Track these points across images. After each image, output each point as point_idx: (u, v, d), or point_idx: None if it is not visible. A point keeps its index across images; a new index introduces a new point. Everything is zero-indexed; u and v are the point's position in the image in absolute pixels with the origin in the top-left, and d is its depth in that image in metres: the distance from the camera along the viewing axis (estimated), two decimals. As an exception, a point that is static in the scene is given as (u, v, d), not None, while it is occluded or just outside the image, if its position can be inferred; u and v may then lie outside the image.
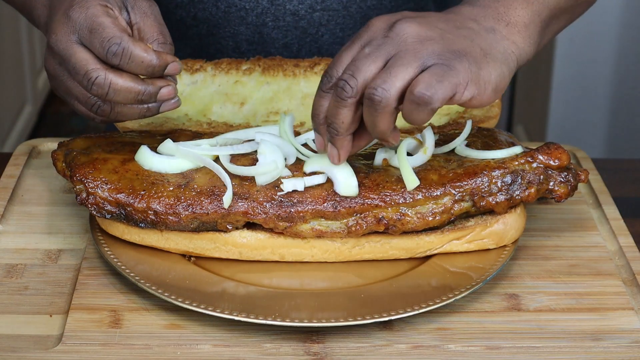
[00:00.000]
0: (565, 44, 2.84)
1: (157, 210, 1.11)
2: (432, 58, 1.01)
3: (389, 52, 1.03)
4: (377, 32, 1.05)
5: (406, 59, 1.01)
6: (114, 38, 1.08)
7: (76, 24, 1.10)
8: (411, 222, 1.12)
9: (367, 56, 1.03)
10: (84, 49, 1.10)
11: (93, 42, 1.09)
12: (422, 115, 1.02)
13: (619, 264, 1.19)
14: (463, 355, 1.04)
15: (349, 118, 1.04)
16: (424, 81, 1.00)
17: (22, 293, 1.12)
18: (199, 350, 1.04)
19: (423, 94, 1.00)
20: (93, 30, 1.09)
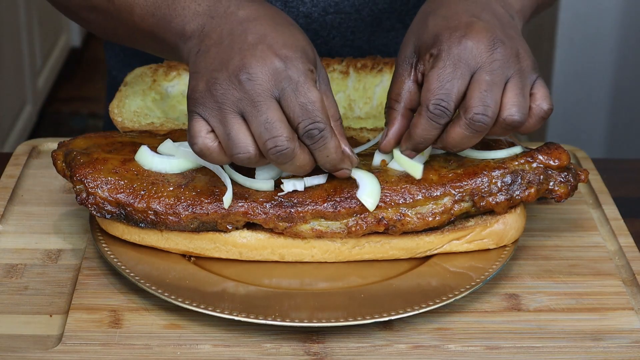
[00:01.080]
0: (565, 44, 2.84)
1: (157, 210, 1.11)
2: (533, 73, 1.10)
3: (506, 75, 1.07)
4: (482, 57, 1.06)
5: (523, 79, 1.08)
6: (320, 123, 1.03)
7: (284, 79, 1.02)
8: (411, 223, 1.12)
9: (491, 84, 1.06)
10: (279, 108, 1.03)
11: (295, 111, 1.02)
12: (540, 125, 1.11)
13: (619, 264, 1.19)
14: (463, 355, 1.04)
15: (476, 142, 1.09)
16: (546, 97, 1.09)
17: (22, 293, 1.12)
18: (199, 350, 1.04)
19: (550, 107, 1.09)
20: (300, 100, 1.02)
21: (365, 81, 1.39)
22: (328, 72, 1.39)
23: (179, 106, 1.36)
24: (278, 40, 1.04)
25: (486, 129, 1.06)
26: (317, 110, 1.03)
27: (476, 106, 1.05)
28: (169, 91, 1.37)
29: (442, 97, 1.06)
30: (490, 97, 1.05)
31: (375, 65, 1.39)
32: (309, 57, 1.06)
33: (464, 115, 1.06)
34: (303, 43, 1.06)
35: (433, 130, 1.08)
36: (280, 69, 1.03)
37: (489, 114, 1.05)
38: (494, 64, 1.06)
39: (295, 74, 1.03)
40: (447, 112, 1.06)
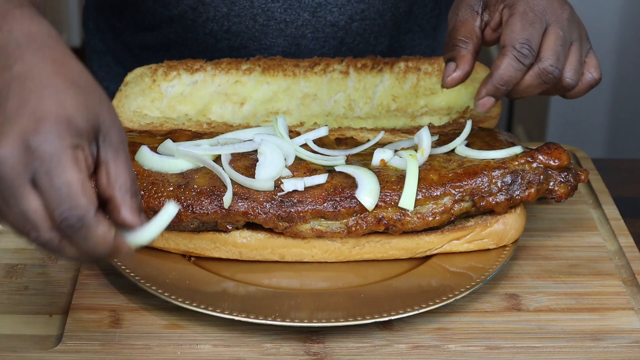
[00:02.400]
0: (565, 44, 2.83)
1: (157, 210, 1.11)
2: (588, 43, 1.16)
3: (571, 37, 1.12)
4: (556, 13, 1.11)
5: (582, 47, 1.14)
6: (77, 209, 0.86)
7: (35, 159, 0.86)
8: (411, 222, 1.12)
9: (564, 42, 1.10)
10: (36, 195, 0.87)
11: (50, 196, 0.86)
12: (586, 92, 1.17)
13: (619, 264, 1.19)
14: (463, 355, 1.04)
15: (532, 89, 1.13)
16: (598, 66, 1.15)
17: (22, 293, 1.12)
18: (199, 350, 1.04)
19: (600, 78, 1.15)
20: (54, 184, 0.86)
21: (365, 81, 1.39)
22: (328, 72, 1.39)
23: (178, 106, 1.36)
24: (37, 110, 0.88)
25: (553, 81, 1.10)
26: (74, 194, 0.86)
27: (550, 57, 1.09)
28: (169, 91, 1.37)
29: (528, 38, 1.09)
30: (562, 53, 1.10)
31: (375, 65, 1.39)
32: (75, 128, 0.88)
33: (538, 63, 1.09)
34: (71, 110, 0.88)
35: (517, 72, 1.10)
36: (32, 147, 0.86)
37: (560, 67, 1.10)
38: (565, 22, 1.11)
39: (50, 152, 0.86)
40: (533, 52, 1.09)
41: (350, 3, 1.43)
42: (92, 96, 0.91)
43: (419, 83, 1.38)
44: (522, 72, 1.10)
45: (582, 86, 1.14)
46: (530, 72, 1.10)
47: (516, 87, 1.12)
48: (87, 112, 0.90)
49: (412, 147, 1.18)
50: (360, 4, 1.43)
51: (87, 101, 0.90)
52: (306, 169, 1.14)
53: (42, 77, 0.90)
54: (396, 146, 1.19)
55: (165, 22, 1.48)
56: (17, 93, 0.89)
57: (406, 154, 1.14)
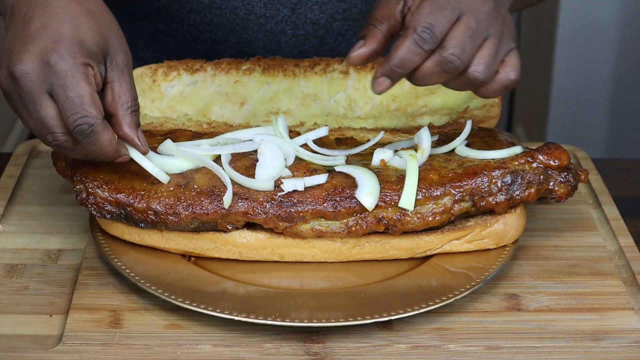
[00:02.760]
0: (565, 43, 2.84)
1: (157, 210, 1.11)
2: (512, 42, 1.10)
3: (488, 32, 1.07)
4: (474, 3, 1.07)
5: (500, 43, 1.08)
6: (88, 118, 1.03)
7: (52, 74, 1.03)
8: (411, 222, 1.12)
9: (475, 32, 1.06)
10: (53, 104, 1.04)
11: (65, 106, 1.03)
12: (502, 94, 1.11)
13: (619, 264, 1.19)
14: (463, 355, 1.04)
15: (438, 83, 1.09)
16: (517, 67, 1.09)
17: (22, 293, 1.12)
18: (199, 350, 1.04)
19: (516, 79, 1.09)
20: (68, 95, 1.02)
21: (365, 81, 1.39)
22: (328, 72, 1.39)
23: (178, 106, 1.36)
24: (56, 32, 1.04)
25: (455, 71, 1.06)
26: (85, 105, 1.03)
27: (454, 46, 1.05)
28: (169, 92, 1.37)
29: (432, 23, 1.05)
30: (469, 44, 1.06)
31: (375, 66, 1.39)
32: (86, 49, 1.04)
33: (440, 51, 1.05)
34: (84, 35, 1.05)
35: (415, 56, 1.06)
36: (50, 63, 1.02)
37: (463, 58, 1.05)
38: (482, 15, 1.07)
39: (65, 68, 1.02)
40: (433, 38, 1.05)
41: (331, 2, 1.43)
42: (104, 23, 1.07)
43: (419, 83, 1.38)
44: (421, 57, 1.06)
45: (495, 85, 1.09)
46: (431, 59, 1.06)
47: (416, 73, 1.07)
48: (98, 37, 1.06)
49: (412, 147, 1.18)
50: (341, 3, 1.43)
51: (99, 27, 1.07)
52: (306, 169, 1.14)
53: (62, 4, 1.06)
54: (396, 146, 1.19)
55: (154, 12, 1.50)
56: (40, 16, 1.05)
57: (406, 154, 1.14)
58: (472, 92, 1.34)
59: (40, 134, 1.05)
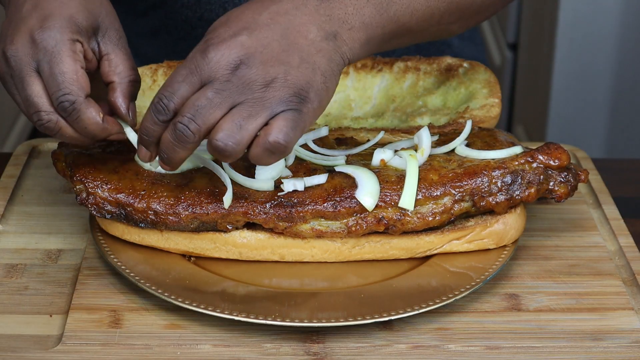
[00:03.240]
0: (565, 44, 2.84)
1: (157, 210, 1.11)
2: (281, 105, 1.00)
3: (234, 99, 1.00)
4: (218, 72, 1.00)
5: (254, 109, 1.00)
6: (70, 95, 1.03)
7: (39, 50, 1.04)
8: (411, 222, 1.12)
9: (209, 101, 1.00)
10: (40, 82, 1.05)
11: (49, 82, 1.04)
12: (273, 160, 1.02)
13: (619, 264, 1.19)
14: (463, 355, 1.04)
15: (185, 156, 1.03)
16: (280, 129, 1.00)
17: (22, 293, 1.12)
18: (199, 350, 1.04)
19: (279, 142, 1.00)
20: (53, 72, 1.04)
21: (365, 81, 1.39)
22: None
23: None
24: (45, 10, 1.06)
25: (188, 141, 1.01)
26: (67, 82, 1.03)
27: (183, 115, 1.00)
28: (169, 91, 1.37)
29: (165, 94, 1.01)
30: (200, 113, 1.00)
31: (375, 65, 1.39)
32: (75, 25, 1.06)
33: (174, 119, 1.01)
34: (72, 11, 1.06)
35: (154, 125, 1.02)
36: (37, 40, 1.04)
37: (192, 127, 1.00)
38: (226, 84, 1.00)
39: (51, 44, 1.04)
40: (165, 109, 1.01)
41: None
42: (92, 1, 1.09)
43: (418, 83, 1.38)
44: (160, 127, 1.02)
45: (256, 149, 1.00)
46: (168, 129, 1.02)
47: (160, 146, 1.03)
48: (87, 12, 1.07)
49: (412, 147, 1.18)
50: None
51: (87, 5, 1.08)
52: (306, 169, 1.14)
53: None
54: (396, 146, 1.19)
55: (151, 7, 1.50)
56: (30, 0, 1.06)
57: (406, 154, 1.14)
58: (471, 92, 1.34)
59: (27, 114, 1.06)
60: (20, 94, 1.06)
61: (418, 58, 1.40)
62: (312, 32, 1.04)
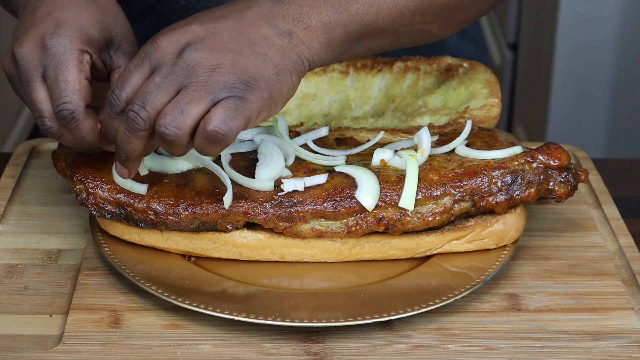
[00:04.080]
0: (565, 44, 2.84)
1: (157, 210, 1.11)
2: (224, 91, 0.99)
3: (180, 82, 0.99)
4: (166, 56, 1.01)
5: (197, 93, 0.99)
6: (70, 104, 1.04)
7: (47, 56, 1.05)
8: (411, 222, 1.12)
9: (157, 86, 0.99)
10: (45, 87, 1.05)
11: (52, 89, 1.05)
12: (215, 150, 1.00)
13: (619, 264, 1.19)
14: (463, 355, 1.04)
15: (141, 147, 1.02)
16: (218, 118, 0.98)
17: (22, 293, 1.12)
18: (199, 350, 1.04)
19: (217, 131, 0.98)
20: (57, 78, 1.04)
21: (365, 81, 1.39)
22: (328, 72, 1.39)
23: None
24: (58, 18, 1.06)
25: (139, 129, 1.00)
26: (69, 90, 1.04)
27: (133, 103, 1.00)
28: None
29: (117, 86, 1.02)
30: (149, 99, 0.99)
31: (375, 65, 1.39)
32: (86, 35, 1.06)
33: (125, 110, 1.01)
34: (86, 22, 1.07)
35: (111, 119, 1.02)
36: (47, 46, 1.05)
37: (142, 115, 0.99)
38: (173, 67, 1.00)
39: (60, 51, 1.04)
40: (116, 101, 1.01)
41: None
42: (108, 14, 1.10)
43: (418, 83, 1.38)
44: (117, 120, 1.02)
45: (196, 138, 0.99)
46: (123, 121, 1.01)
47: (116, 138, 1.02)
48: (100, 25, 1.08)
49: (412, 147, 1.18)
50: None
51: (103, 17, 1.09)
52: (306, 169, 1.14)
53: None
54: (396, 146, 1.19)
55: (142, 13, 1.51)
56: (46, 5, 1.08)
57: (406, 154, 1.14)
58: (471, 92, 1.34)
59: (34, 116, 1.07)
60: (26, 97, 1.07)
61: (418, 58, 1.40)
62: (265, 28, 1.04)
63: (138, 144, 1.01)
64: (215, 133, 0.98)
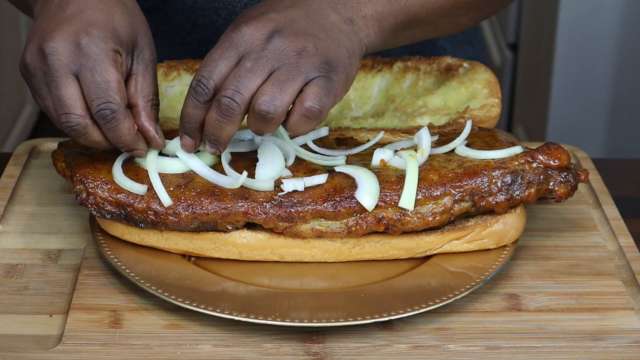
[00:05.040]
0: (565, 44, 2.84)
1: (157, 211, 1.11)
2: (314, 71, 1.05)
3: (272, 65, 1.04)
4: (254, 43, 1.05)
5: (291, 73, 1.04)
6: (112, 104, 1.05)
7: (82, 56, 1.05)
8: (411, 222, 1.12)
9: (249, 70, 1.04)
10: (77, 85, 1.05)
11: (89, 88, 1.05)
12: (310, 127, 1.06)
13: (619, 264, 1.19)
14: (463, 355, 1.04)
15: (234, 131, 1.06)
16: (314, 94, 1.04)
17: (22, 293, 1.12)
18: (199, 350, 1.04)
19: (315, 107, 1.04)
20: (96, 79, 1.05)
21: (365, 81, 1.38)
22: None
23: (178, 107, 1.36)
24: (91, 17, 1.07)
25: (234, 114, 1.04)
26: (111, 91, 1.05)
27: (226, 89, 1.04)
28: (168, 92, 1.37)
29: (203, 75, 1.05)
30: (242, 83, 1.03)
31: (375, 65, 1.39)
32: (117, 37, 1.07)
33: (216, 97, 1.05)
34: (117, 24, 1.08)
35: (195, 109, 1.06)
36: (82, 45, 1.05)
37: (237, 98, 1.03)
38: (263, 52, 1.04)
39: (95, 52, 1.05)
40: (205, 89, 1.05)
41: None
42: (135, 18, 1.11)
43: (418, 83, 1.38)
44: (202, 110, 1.06)
45: (293, 117, 1.05)
46: (212, 108, 1.05)
47: (205, 125, 1.06)
48: (129, 28, 1.09)
49: (412, 147, 1.18)
50: None
51: (131, 20, 1.10)
52: (306, 169, 1.14)
53: None
54: (396, 146, 1.19)
55: (146, 12, 1.50)
56: (75, 3, 1.08)
57: (406, 154, 1.14)
58: (471, 92, 1.34)
59: (55, 113, 1.06)
60: (52, 92, 1.06)
61: (418, 58, 1.40)
62: (332, 15, 1.10)
63: (231, 129, 1.06)
64: (313, 109, 1.04)
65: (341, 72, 1.07)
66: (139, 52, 1.10)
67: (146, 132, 1.10)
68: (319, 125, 1.05)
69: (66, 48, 1.05)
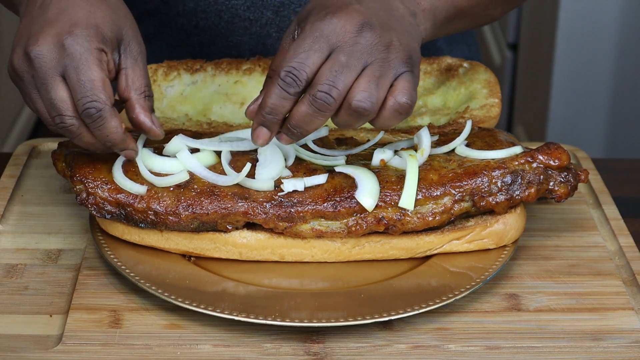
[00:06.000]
0: (565, 44, 2.84)
1: (157, 211, 1.11)
2: (402, 66, 1.05)
3: (365, 60, 1.04)
4: (346, 35, 1.04)
5: (383, 69, 1.04)
6: (98, 102, 1.04)
7: (66, 56, 1.05)
8: (411, 222, 1.12)
9: (345, 65, 1.03)
10: (65, 86, 1.05)
11: (75, 88, 1.04)
12: (399, 121, 1.06)
13: (619, 264, 1.19)
14: (463, 355, 1.04)
15: (322, 125, 1.05)
16: (406, 90, 1.05)
17: (22, 293, 1.12)
18: (199, 350, 1.04)
19: (407, 102, 1.04)
20: (80, 78, 1.04)
21: (365, 81, 1.38)
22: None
23: (178, 107, 1.36)
24: (73, 17, 1.06)
25: (329, 109, 1.03)
26: (96, 89, 1.04)
27: (322, 83, 1.02)
28: (168, 92, 1.37)
29: (294, 66, 1.03)
30: (339, 78, 1.02)
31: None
32: (101, 34, 1.06)
33: (309, 90, 1.03)
34: (100, 21, 1.07)
35: (282, 100, 1.04)
36: (66, 46, 1.05)
37: (333, 94, 1.02)
38: (356, 46, 1.03)
39: (79, 51, 1.05)
40: (297, 81, 1.03)
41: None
42: (118, 12, 1.10)
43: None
44: (290, 101, 1.04)
45: (385, 112, 1.05)
46: (303, 101, 1.03)
47: (292, 118, 1.05)
48: (112, 24, 1.08)
49: (412, 147, 1.18)
50: None
51: (113, 16, 1.09)
52: (306, 169, 1.14)
53: None
54: (396, 146, 1.19)
55: (144, 15, 1.51)
56: (57, 3, 1.08)
57: (406, 154, 1.14)
58: (471, 92, 1.34)
59: (48, 115, 1.06)
60: (43, 96, 1.06)
61: (418, 58, 1.40)
62: (400, 8, 1.11)
63: (320, 123, 1.05)
64: (406, 104, 1.04)
65: (418, 65, 1.08)
66: (125, 46, 1.10)
67: (142, 123, 1.09)
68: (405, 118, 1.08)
69: (51, 51, 1.05)
